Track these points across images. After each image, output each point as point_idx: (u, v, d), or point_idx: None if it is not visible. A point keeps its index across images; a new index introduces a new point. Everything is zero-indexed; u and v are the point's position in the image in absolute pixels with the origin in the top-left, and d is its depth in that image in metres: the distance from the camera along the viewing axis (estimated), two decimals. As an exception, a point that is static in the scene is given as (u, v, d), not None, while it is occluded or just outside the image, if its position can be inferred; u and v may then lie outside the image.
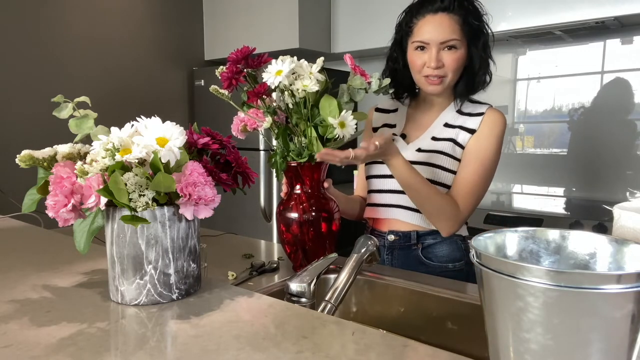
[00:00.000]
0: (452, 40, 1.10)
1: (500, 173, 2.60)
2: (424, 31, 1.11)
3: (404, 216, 1.18)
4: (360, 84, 1.00)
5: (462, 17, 1.10)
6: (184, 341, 0.60)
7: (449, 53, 1.10)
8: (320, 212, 1.02)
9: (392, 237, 1.20)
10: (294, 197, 1.04)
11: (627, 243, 0.57)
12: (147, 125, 0.69)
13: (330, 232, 1.04)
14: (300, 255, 1.05)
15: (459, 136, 1.17)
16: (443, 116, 1.21)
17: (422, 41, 1.11)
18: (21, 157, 0.76)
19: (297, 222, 1.01)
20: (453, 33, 1.09)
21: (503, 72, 2.55)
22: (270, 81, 0.93)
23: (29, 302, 0.73)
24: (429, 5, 1.11)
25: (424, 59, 1.12)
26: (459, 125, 1.18)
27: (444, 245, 1.18)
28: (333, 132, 0.97)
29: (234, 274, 1.05)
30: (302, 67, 0.95)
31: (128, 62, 2.89)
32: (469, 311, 0.93)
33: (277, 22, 2.84)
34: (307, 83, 0.93)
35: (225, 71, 0.98)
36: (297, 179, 1.03)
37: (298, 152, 1.00)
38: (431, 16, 1.11)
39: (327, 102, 0.94)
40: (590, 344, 0.47)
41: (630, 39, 2.20)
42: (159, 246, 0.70)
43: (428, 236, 1.18)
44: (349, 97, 1.01)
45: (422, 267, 1.17)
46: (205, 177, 0.71)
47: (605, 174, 2.29)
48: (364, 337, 0.61)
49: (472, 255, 0.55)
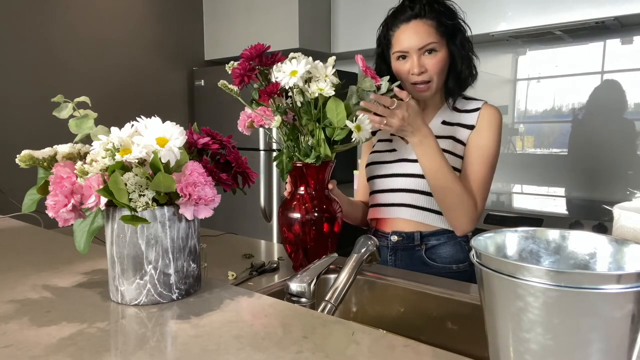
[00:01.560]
0: (430, 44, 1.12)
1: (500, 173, 2.61)
2: (401, 40, 1.14)
3: (408, 215, 1.18)
4: (370, 87, 1.00)
5: (435, 20, 1.13)
6: (184, 341, 0.60)
7: (430, 57, 1.13)
8: (323, 213, 1.02)
9: (396, 238, 1.20)
10: (297, 197, 1.03)
11: (627, 243, 0.57)
12: (147, 125, 0.69)
13: (332, 233, 1.04)
14: (301, 255, 1.05)
15: (457, 133, 1.18)
16: (439, 115, 1.22)
17: (401, 50, 1.14)
18: (21, 157, 0.76)
19: (299, 222, 1.01)
20: (429, 37, 1.12)
21: (503, 72, 2.55)
22: (285, 81, 0.92)
23: (29, 302, 0.73)
24: (401, 16, 1.14)
25: (407, 67, 1.14)
26: (457, 122, 1.19)
27: (448, 246, 1.18)
28: (340, 135, 0.97)
29: (234, 274, 1.05)
30: (317, 68, 0.95)
31: (128, 62, 2.89)
32: (469, 311, 0.93)
33: (277, 22, 2.84)
34: (322, 86, 0.93)
35: (237, 67, 0.97)
36: (301, 179, 1.03)
37: (305, 152, 1.00)
38: (405, 25, 1.14)
39: (334, 105, 0.94)
40: (590, 344, 0.47)
41: (630, 39, 2.20)
42: (159, 246, 0.70)
43: (432, 237, 1.18)
44: (358, 99, 1.00)
45: (425, 268, 1.17)
46: (205, 177, 0.71)
47: (605, 174, 2.29)
48: (364, 337, 0.61)
49: (472, 255, 0.55)
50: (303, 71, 0.92)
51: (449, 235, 1.18)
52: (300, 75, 0.91)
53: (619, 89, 2.25)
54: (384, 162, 1.24)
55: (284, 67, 0.94)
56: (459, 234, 1.16)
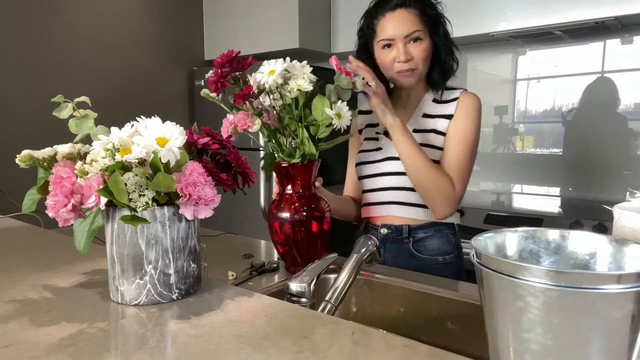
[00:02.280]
0: (415, 32, 1.14)
1: (500, 173, 2.62)
2: (386, 28, 1.15)
3: (398, 212, 1.22)
4: (347, 84, 1.03)
5: (419, 10, 1.15)
6: (184, 341, 0.60)
7: (415, 45, 1.15)
8: (312, 212, 1.04)
9: (385, 231, 1.23)
10: (286, 197, 1.05)
11: (627, 243, 0.57)
12: (147, 125, 0.69)
13: (321, 232, 1.06)
14: (293, 255, 1.06)
15: (438, 125, 1.21)
16: (420, 108, 1.24)
17: (387, 38, 1.16)
18: (21, 157, 0.76)
19: (289, 222, 1.03)
20: (414, 25, 1.14)
21: (503, 72, 2.55)
22: (264, 80, 0.95)
23: (29, 302, 0.73)
24: (386, 5, 1.16)
25: (392, 55, 1.16)
26: (438, 114, 1.22)
27: (435, 238, 1.21)
28: (325, 132, 0.99)
29: (234, 274, 1.05)
30: (294, 67, 0.98)
31: (128, 62, 2.89)
32: (469, 311, 0.93)
33: (277, 22, 2.84)
34: (301, 83, 0.96)
35: (211, 75, 0.99)
36: (288, 179, 1.05)
37: (289, 152, 1.02)
38: (390, 14, 1.15)
39: (320, 102, 0.97)
40: (590, 344, 0.47)
41: (630, 39, 2.20)
42: (159, 246, 0.70)
43: (419, 230, 1.21)
44: (337, 97, 1.03)
45: (413, 260, 1.20)
46: (205, 177, 0.71)
47: (605, 174, 2.29)
48: (364, 337, 0.61)
49: (472, 255, 0.55)
50: (281, 69, 0.95)
51: (436, 228, 1.21)
52: (279, 72, 0.94)
53: (618, 88, 2.25)
54: (372, 161, 1.26)
55: (263, 68, 0.97)
56: (438, 217, 1.18)
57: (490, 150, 2.59)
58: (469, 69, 2.63)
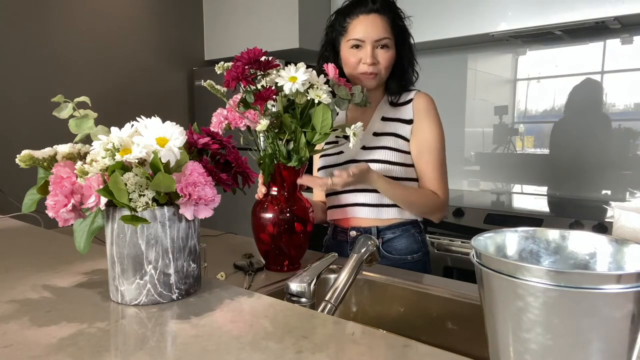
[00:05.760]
0: (385, 39, 1.18)
1: (500, 173, 2.62)
2: (358, 30, 1.19)
3: (364, 213, 1.25)
4: (345, 95, 1.04)
5: (390, 19, 1.20)
6: (184, 341, 0.60)
7: (382, 52, 1.19)
8: (297, 213, 1.07)
9: (354, 233, 1.26)
10: (271, 198, 1.07)
11: (627, 243, 0.57)
12: (147, 125, 0.69)
13: (305, 232, 1.08)
14: (276, 255, 1.08)
15: (398, 129, 1.24)
16: (379, 111, 1.28)
17: (357, 39, 1.19)
18: (21, 157, 0.76)
19: (273, 222, 1.05)
20: (385, 32, 1.18)
21: (503, 72, 2.55)
22: (287, 87, 0.95)
23: (29, 302, 0.73)
24: (362, 7, 1.20)
25: (359, 56, 1.19)
26: (396, 117, 1.25)
27: (403, 238, 1.25)
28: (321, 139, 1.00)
29: (224, 274, 1.06)
30: (313, 76, 0.99)
31: (128, 62, 2.89)
32: (469, 311, 0.93)
33: (277, 22, 2.83)
34: (320, 94, 0.98)
35: (231, 69, 0.98)
36: (274, 181, 1.07)
37: (285, 155, 1.04)
38: (364, 16, 1.19)
39: (322, 111, 0.98)
40: (590, 344, 0.47)
41: (630, 39, 2.20)
42: (159, 246, 0.70)
43: (387, 231, 1.25)
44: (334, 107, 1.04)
45: (383, 260, 1.24)
46: (205, 177, 0.71)
47: (604, 174, 2.29)
48: (364, 337, 0.61)
49: (472, 255, 0.55)
50: (304, 78, 0.96)
51: (403, 228, 1.25)
52: (302, 82, 0.95)
53: (618, 89, 2.24)
54: (334, 165, 1.29)
55: (282, 72, 0.97)
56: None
57: (490, 150, 2.59)
58: (469, 69, 2.63)
